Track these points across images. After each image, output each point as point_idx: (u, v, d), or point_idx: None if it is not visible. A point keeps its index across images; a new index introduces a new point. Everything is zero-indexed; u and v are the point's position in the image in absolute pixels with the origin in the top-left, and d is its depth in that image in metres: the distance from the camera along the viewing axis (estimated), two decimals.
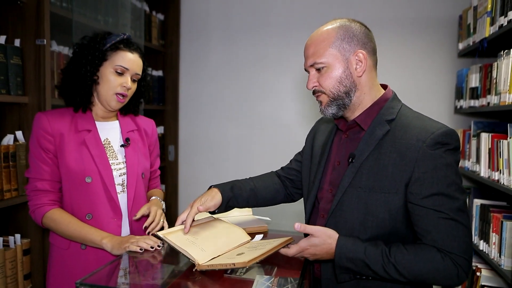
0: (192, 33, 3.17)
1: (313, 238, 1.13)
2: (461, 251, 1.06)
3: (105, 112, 1.49)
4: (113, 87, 1.41)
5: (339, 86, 1.17)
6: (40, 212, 1.38)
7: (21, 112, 1.87)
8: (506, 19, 1.92)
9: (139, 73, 1.47)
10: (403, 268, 1.07)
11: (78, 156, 1.39)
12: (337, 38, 1.16)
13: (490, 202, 2.17)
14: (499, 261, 1.89)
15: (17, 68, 1.81)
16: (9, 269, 1.75)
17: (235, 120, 3.15)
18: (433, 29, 2.83)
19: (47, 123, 1.38)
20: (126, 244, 1.31)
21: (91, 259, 1.41)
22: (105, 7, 2.36)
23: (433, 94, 2.86)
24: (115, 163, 1.46)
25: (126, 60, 1.42)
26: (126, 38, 1.45)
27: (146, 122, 1.62)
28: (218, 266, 1.15)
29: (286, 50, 3.01)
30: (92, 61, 1.40)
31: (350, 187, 1.16)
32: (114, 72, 1.41)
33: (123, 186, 1.47)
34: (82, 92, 1.41)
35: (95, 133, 1.43)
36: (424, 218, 1.09)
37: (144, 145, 1.57)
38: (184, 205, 3.25)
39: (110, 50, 1.41)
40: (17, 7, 1.83)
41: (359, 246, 1.10)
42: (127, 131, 1.52)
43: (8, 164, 1.76)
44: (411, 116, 1.17)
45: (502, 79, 1.93)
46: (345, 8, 2.93)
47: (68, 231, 1.36)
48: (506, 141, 1.85)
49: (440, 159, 1.08)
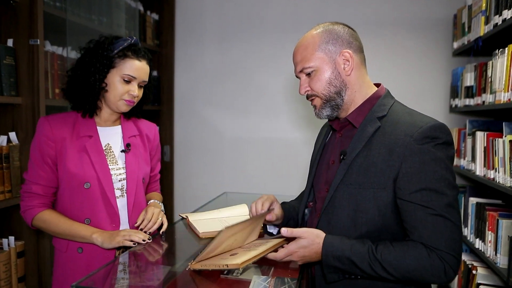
0: (187, 33, 3.16)
1: (301, 240, 1.12)
2: (449, 248, 1.05)
3: (111, 115, 1.50)
4: (120, 94, 1.43)
5: (330, 87, 1.20)
6: (31, 214, 1.41)
7: (14, 113, 1.85)
8: (501, 18, 1.92)
9: (146, 80, 1.48)
10: (389, 265, 1.06)
11: (78, 162, 1.40)
12: (321, 41, 1.19)
13: (486, 201, 2.18)
14: (495, 259, 1.90)
15: (10, 68, 1.79)
16: (3, 272, 1.73)
17: (230, 120, 3.15)
18: (428, 29, 2.84)
19: (49, 129, 1.40)
20: (117, 238, 1.32)
21: (90, 261, 1.41)
22: (99, 7, 2.34)
23: (428, 93, 2.87)
24: (115, 168, 1.47)
25: (134, 69, 1.42)
26: (133, 43, 1.44)
27: (149, 127, 1.62)
28: (211, 266, 1.14)
29: (281, 50, 3.01)
30: (100, 68, 1.40)
31: (341, 184, 1.17)
32: (121, 80, 1.42)
33: (122, 191, 1.47)
34: (90, 99, 1.43)
35: (96, 139, 1.45)
36: (411, 214, 1.08)
37: (146, 150, 1.58)
38: (179, 205, 3.24)
39: (118, 57, 1.41)
40: (10, 6, 1.81)
41: (346, 244, 1.10)
42: (129, 136, 1.53)
43: (2, 165, 1.75)
44: (401, 112, 1.17)
45: (497, 77, 1.93)
46: (340, 9, 2.93)
47: (58, 230, 1.38)
48: (501, 140, 1.86)
49: (428, 154, 1.07)
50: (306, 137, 3.00)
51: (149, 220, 1.44)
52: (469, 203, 2.26)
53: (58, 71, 2.08)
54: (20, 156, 1.83)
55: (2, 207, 1.75)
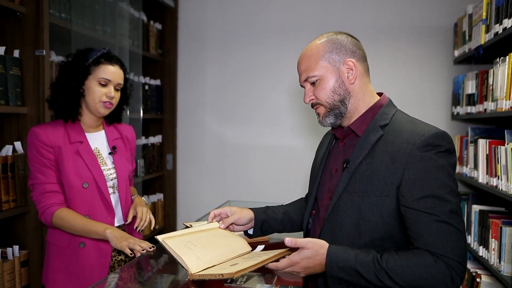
0: (189, 42, 3.19)
1: (305, 251, 1.09)
2: (454, 254, 1.04)
3: (94, 121, 1.64)
4: (98, 97, 1.56)
5: (334, 96, 1.21)
6: (50, 212, 1.49)
7: (19, 123, 1.87)
8: (501, 27, 1.94)
9: (121, 83, 1.62)
10: (396, 274, 1.06)
11: (75, 165, 1.54)
12: (325, 51, 1.21)
13: (489, 208, 2.18)
14: (499, 267, 1.89)
15: (16, 78, 1.81)
16: (7, 281, 1.73)
17: (233, 128, 3.16)
18: (429, 37, 2.86)
19: (45, 137, 1.52)
20: (123, 243, 1.42)
21: (90, 255, 1.53)
22: (103, 18, 2.37)
23: (430, 101, 2.88)
24: (106, 169, 1.62)
25: (108, 72, 1.57)
26: (106, 52, 1.60)
27: (127, 129, 1.79)
28: (208, 276, 1.12)
29: (282, 58, 3.03)
30: (77, 76, 1.55)
31: (344, 192, 1.17)
32: (98, 84, 1.56)
33: (113, 188, 1.64)
34: (71, 104, 1.57)
35: (86, 144, 1.59)
36: (415, 221, 1.08)
37: (127, 150, 1.75)
38: (182, 214, 3.24)
39: (93, 65, 1.56)
40: (16, 18, 1.84)
41: (350, 254, 1.08)
42: (113, 139, 1.69)
43: (7, 175, 1.76)
44: (404, 121, 1.18)
45: (499, 85, 1.94)
46: (342, 17, 2.95)
47: (75, 227, 1.49)
48: (503, 147, 1.86)
49: (431, 161, 1.07)
50: (309, 144, 3.00)
51: (140, 218, 1.60)
52: (472, 211, 2.26)
53: None
54: (25, 165, 1.85)
55: (7, 216, 1.76)
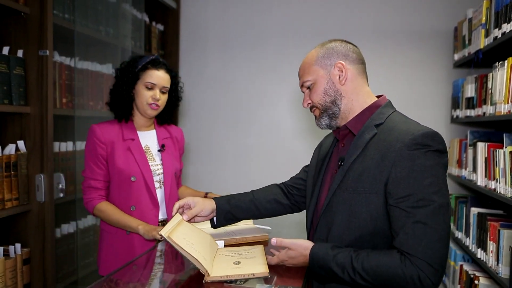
0: (191, 44, 3.21)
1: (290, 251, 1.21)
2: (425, 255, 1.03)
3: (145, 121, 1.81)
4: (145, 99, 1.73)
5: (325, 97, 1.26)
6: (92, 204, 1.70)
7: (23, 122, 1.89)
8: (500, 32, 1.96)
9: (166, 86, 1.77)
10: (367, 274, 1.07)
11: (125, 160, 1.72)
12: (318, 56, 1.28)
13: (487, 211, 2.19)
14: (496, 269, 1.90)
15: (20, 78, 1.83)
16: (9, 278, 1.75)
17: (234, 129, 3.18)
18: (429, 40, 2.88)
19: (100, 134, 1.71)
20: (154, 232, 1.56)
21: (134, 242, 1.70)
22: (106, 18, 2.39)
23: (430, 104, 2.90)
24: (154, 164, 1.78)
25: (154, 77, 1.73)
26: (154, 58, 1.76)
27: (177, 130, 1.96)
28: (234, 277, 1.17)
29: (283, 60, 3.05)
30: (128, 81, 1.74)
31: (338, 189, 1.20)
32: (145, 88, 1.73)
33: (160, 183, 1.79)
34: (124, 106, 1.76)
35: (137, 141, 1.77)
36: (396, 219, 1.09)
37: (176, 149, 1.91)
38: None
39: (141, 70, 1.74)
40: (20, 18, 1.86)
41: (329, 255, 1.13)
42: (162, 138, 1.85)
43: (10, 173, 1.78)
44: (398, 121, 1.20)
45: (498, 89, 1.96)
46: (342, 20, 2.97)
47: (112, 219, 1.68)
48: (502, 151, 1.88)
49: (418, 160, 1.08)
50: (309, 147, 3.02)
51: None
52: (470, 213, 2.27)
53: (66, 81, 2.13)
54: (28, 164, 1.87)
55: (10, 214, 1.78)
